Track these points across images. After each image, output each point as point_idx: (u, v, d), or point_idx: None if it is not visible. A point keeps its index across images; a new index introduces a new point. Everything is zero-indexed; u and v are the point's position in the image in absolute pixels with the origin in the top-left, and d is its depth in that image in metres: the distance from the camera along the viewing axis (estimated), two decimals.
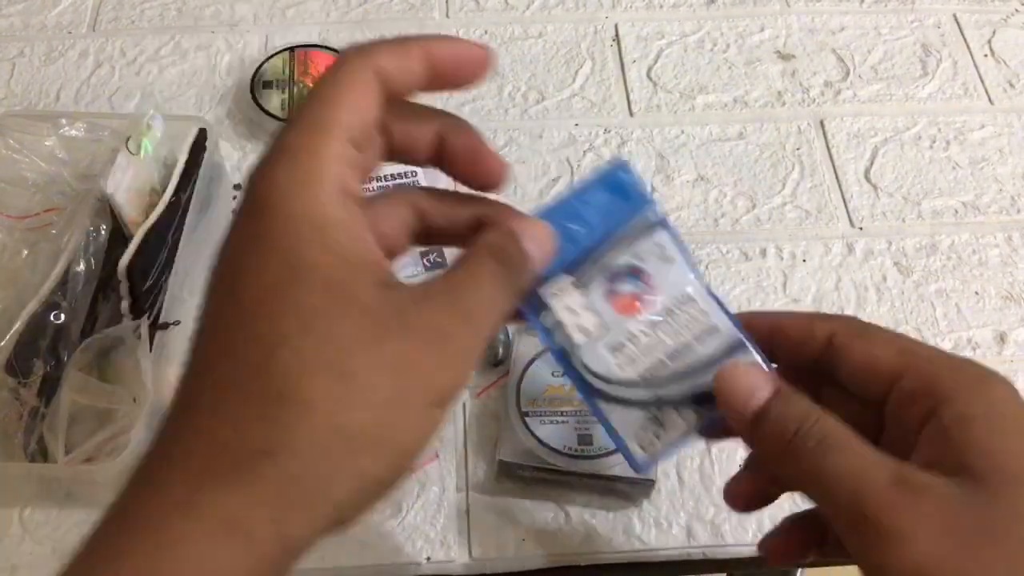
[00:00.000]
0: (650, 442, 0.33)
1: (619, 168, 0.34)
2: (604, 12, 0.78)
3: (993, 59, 0.76)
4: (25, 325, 0.51)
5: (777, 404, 0.31)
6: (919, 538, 0.27)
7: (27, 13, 0.77)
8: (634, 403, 0.33)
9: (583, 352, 0.34)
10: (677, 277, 0.34)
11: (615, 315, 0.34)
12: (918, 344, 0.32)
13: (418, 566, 0.52)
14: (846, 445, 0.29)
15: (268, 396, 0.26)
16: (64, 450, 0.48)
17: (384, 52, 0.29)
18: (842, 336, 0.33)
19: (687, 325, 0.34)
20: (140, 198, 0.57)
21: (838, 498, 0.29)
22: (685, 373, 0.33)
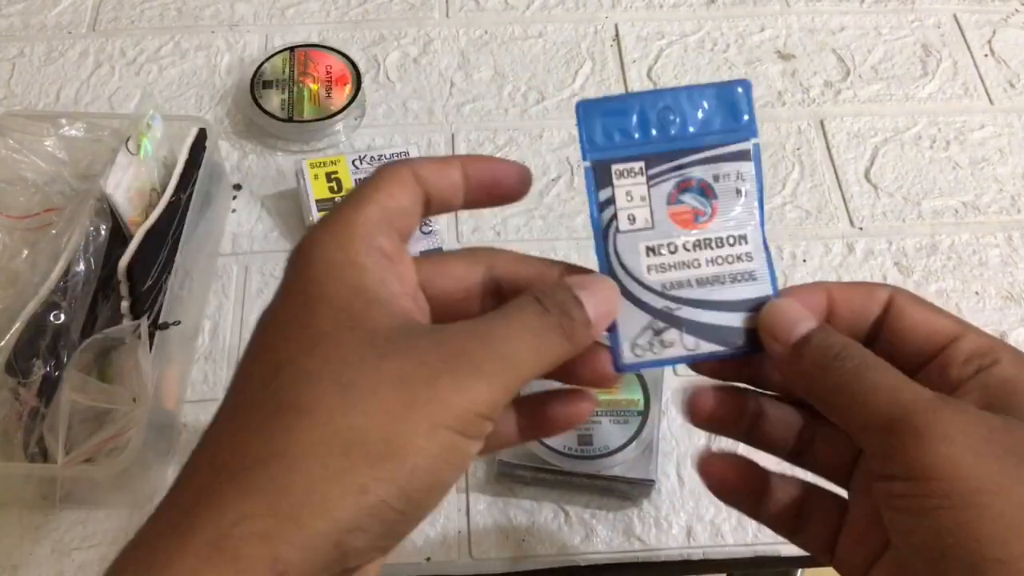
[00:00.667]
0: (642, 349, 0.33)
1: (742, 85, 0.33)
2: (604, 12, 0.78)
3: (993, 59, 0.76)
4: (25, 325, 0.51)
5: (820, 333, 0.32)
6: (958, 441, 0.27)
7: (27, 13, 0.77)
8: (644, 306, 0.33)
9: (621, 240, 0.33)
10: (742, 213, 0.33)
11: (667, 220, 0.33)
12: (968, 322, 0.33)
13: (418, 566, 0.52)
14: (886, 367, 0.30)
15: (268, 409, 0.25)
16: (64, 450, 0.48)
17: (424, 161, 0.31)
18: (901, 298, 0.33)
19: (729, 261, 0.33)
20: (140, 198, 0.57)
21: (876, 406, 0.29)
22: (706, 303, 0.33)
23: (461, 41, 0.76)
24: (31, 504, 0.53)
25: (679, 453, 0.55)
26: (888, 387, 0.29)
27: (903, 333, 0.33)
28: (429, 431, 0.26)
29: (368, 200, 0.30)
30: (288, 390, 0.26)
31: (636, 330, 0.33)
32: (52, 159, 0.59)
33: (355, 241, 0.28)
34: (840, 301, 0.34)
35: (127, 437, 0.49)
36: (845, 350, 0.31)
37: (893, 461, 0.28)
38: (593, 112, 0.33)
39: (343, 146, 0.69)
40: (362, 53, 0.75)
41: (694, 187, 0.33)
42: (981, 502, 0.26)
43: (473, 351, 0.27)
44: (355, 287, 0.28)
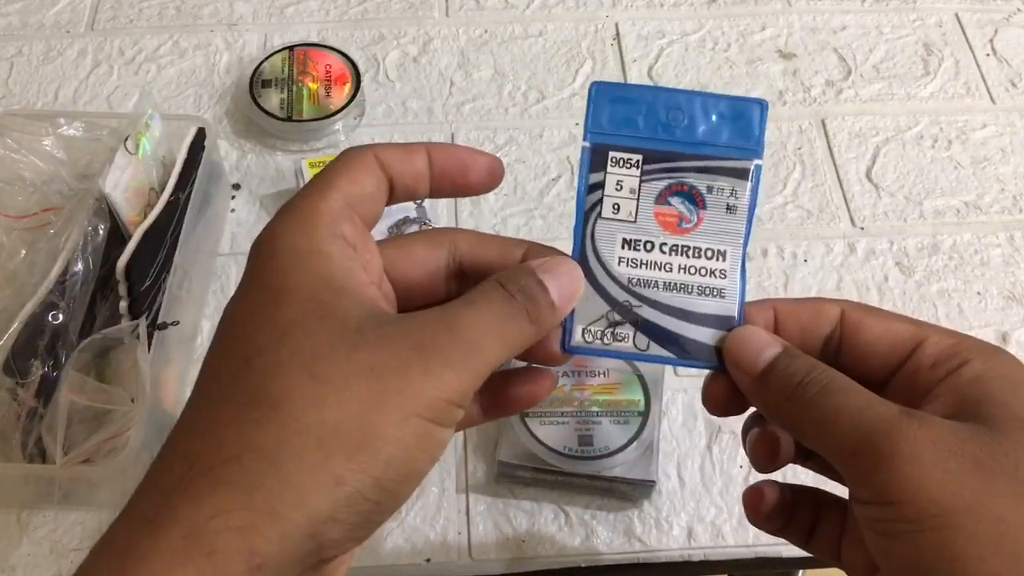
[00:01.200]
0: (593, 336, 0.33)
1: (760, 104, 0.33)
2: (604, 11, 0.78)
3: (995, 58, 0.76)
4: (23, 325, 0.51)
5: (784, 358, 0.31)
6: (925, 459, 0.27)
7: (25, 12, 0.77)
8: (606, 295, 0.33)
9: (600, 225, 0.33)
10: (727, 230, 0.33)
11: (651, 218, 0.33)
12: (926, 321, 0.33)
13: (418, 567, 0.51)
14: (851, 389, 0.30)
15: (240, 402, 0.25)
16: (62, 451, 0.48)
17: (387, 146, 0.31)
18: (853, 312, 0.33)
19: (701, 274, 0.33)
20: (138, 197, 0.57)
21: (843, 434, 0.29)
22: (667, 308, 0.33)
23: (461, 40, 0.76)
24: (29, 504, 0.53)
25: (680, 454, 0.55)
26: (852, 411, 0.29)
27: (864, 347, 0.32)
28: (401, 421, 0.26)
29: (331, 186, 0.29)
30: (260, 382, 0.26)
31: (592, 317, 0.33)
32: (50, 159, 0.59)
33: (319, 229, 0.28)
34: (787, 318, 0.33)
35: (125, 437, 0.48)
36: (809, 375, 0.30)
37: (865, 486, 0.28)
38: (605, 95, 0.33)
39: (342, 145, 0.69)
40: (361, 52, 0.75)
41: (685, 192, 0.33)
42: (955, 522, 0.26)
43: (441, 340, 0.27)
44: (321, 276, 0.27)
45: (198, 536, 0.23)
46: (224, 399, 0.26)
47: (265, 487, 0.24)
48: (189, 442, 0.26)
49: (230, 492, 0.24)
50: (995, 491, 0.27)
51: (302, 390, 0.25)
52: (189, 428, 0.26)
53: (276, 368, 0.26)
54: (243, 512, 0.24)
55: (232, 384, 0.26)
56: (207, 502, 0.24)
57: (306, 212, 0.29)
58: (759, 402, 0.32)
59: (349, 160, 0.30)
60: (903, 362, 0.32)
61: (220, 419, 0.25)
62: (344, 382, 0.25)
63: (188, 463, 0.25)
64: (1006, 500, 0.26)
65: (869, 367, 0.33)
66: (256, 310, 0.27)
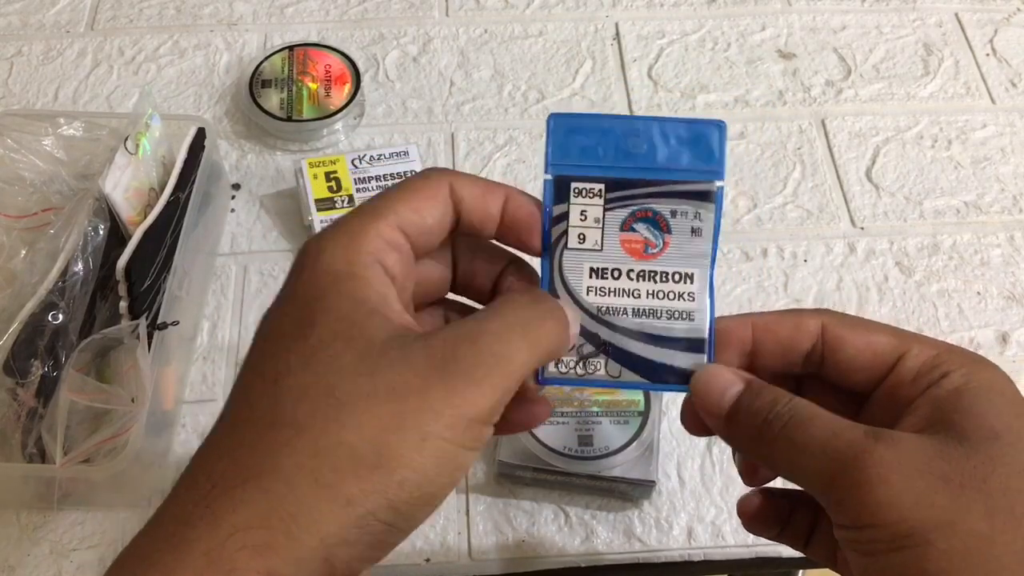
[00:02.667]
0: (566, 366, 0.33)
1: (718, 126, 0.33)
2: (604, 11, 0.78)
3: (995, 58, 0.76)
4: (23, 325, 0.51)
5: (747, 396, 0.31)
6: (893, 481, 0.27)
7: (25, 12, 0.77)
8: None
9: (567, 256, 0.33)
10: (694, 252, 0.33)
11: (617, 246, 0.33)
12: (908, 331, 0.33)
13: (418, 567, 0.51)
14: (815, 417, 0.30)
15: (264, 423, 0.26)
16: (62, 451, 0.48)
17: (467, 179, 0.31)
18: (834, 326, 0.33)
19: (670, 298, 0.33)
20: (138, 197, 0.56)
21: (813, 465, 0.29)
22: (637, 335, 0.33)
23: (461, 40, 0.76)
24: (29, 505, 0.53)
25: (680, 454, 0.55)
26: (819, 441, 0.29)
27: (846, 362, 0.32)
28: (419, 442, 0.25)
29: (390, 209, 0.29)
30: (285, 404, 0.26)
31: None
32: (50, 158, 0.59)
33: (361, 255, 0.28)
34: (765, 334, 0.33)
35: (125, 437, 0.48)
36: (773, 410, 0.30)
37: (840, 513, 0.29)
38: (563, 126, 0.33)
39: (342, 145, 0.69)
40: (361, 52, 0.75)
41: (650, 218, 0.33)
42: (927, 540, 0.27)
43: (464, 355, 0.27)
44: (355, 299, 0.28)
45: (217, 554, 0.24)
46: (250, 421, 0.26)
47: (281, 507, 0.24)
48: (214, 461, 0.26)
49: (249, 512, 0.24)
50: (964, 505, 0.27)
51: (324, 412, 0.25)
52: (215, 447, 0.26)
53: (302, 391, 0.26)
54: (260, 531, 0.24)
55: (259, 404, 0.26)
56: (226, 520, 0.24)
57: (354, 233, 0.29)
58: (731, 442, 0.33)
59: (421, 184, 0.30)
60: (885, 375, 0.32)
61: (244, 441, 0.26)
62: (364, 404, 0.26)
63: (211, 482, 0.25)
64: (976, 513, 0.27)
65: (852, 381, 0.33)
66: (291, 327, 0.28)
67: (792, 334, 0.33)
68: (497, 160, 0.68)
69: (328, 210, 0.63)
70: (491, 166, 0.68)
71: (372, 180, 0.64)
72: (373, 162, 0.65)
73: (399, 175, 0.65)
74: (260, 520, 0.24)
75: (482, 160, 0.68)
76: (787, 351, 0.33)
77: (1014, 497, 0.27)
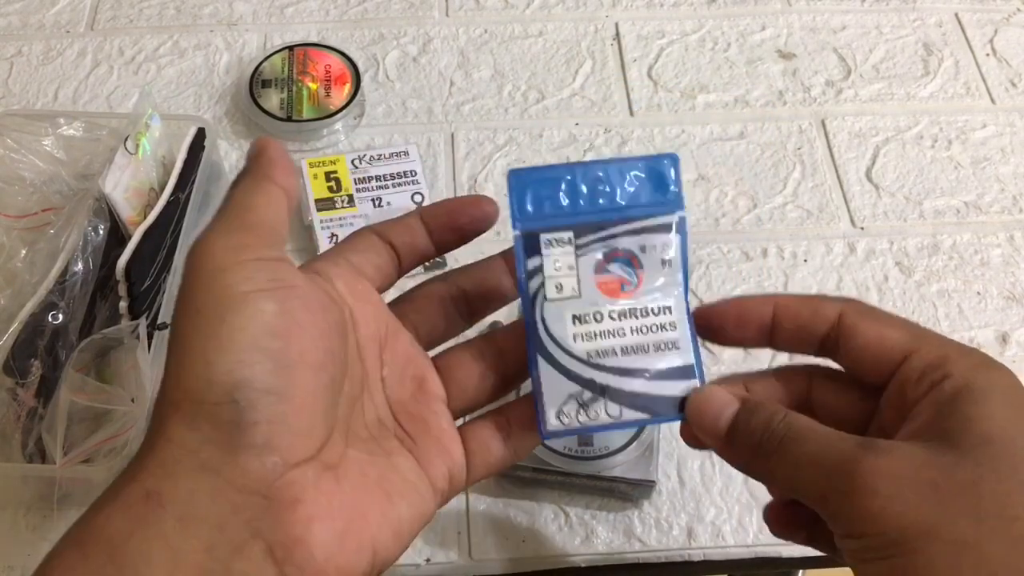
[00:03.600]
0: (568, 417, 0.33)
1: (669, 159, 0.34)
2: (604, 11, 0.78)
3: (995, 58, 0.76)
4: (23, 325, 0.51)
5: (743, 415, 0.32)
6: (882, 491, 0.28)
7: (25, 12, 0.77)
8: (571, 375, 0.33)
9: (548, 308, 0.34)
10: (667, 283, 0.34)
11: (594, 289, 0.34)
12: (928, 329, 0.33)
13: (418, 567, 0.51)
14: (808, 433, 0.30)
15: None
16: (62, 451, 0.48)
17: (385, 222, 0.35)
18: (851, 315, 0.33)
19: (653, 331, 0.34)
20: (138, 197, 0.57)
21: (808, 479, 0.30)
22: (630, 372, 0.33)
23: (461, 40, 0.76)
24: (29, 505, 0.53)
25: (680, 454, 0.55)
26: (813, 457, 0.30)
27: (857, 353, 0.33)
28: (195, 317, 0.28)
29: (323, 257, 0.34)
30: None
31: (562, 398, 0.33)
32: (50, 158, 0.59)
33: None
34: (785, 314, 0.34)
35: (125, 437, 0.48)
36: (768, 428, 0.31)
37: (836, 524, 0.29)
38: (524, 181, 0.34)
39: (342, 145, 0.69)
40: (361, 52, 0.75)
41: (621, 257, 0.34)
42: (916, 548, 0.27)
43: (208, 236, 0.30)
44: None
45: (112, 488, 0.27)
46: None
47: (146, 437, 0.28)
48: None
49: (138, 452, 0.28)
50: (952, 513, 0.27)
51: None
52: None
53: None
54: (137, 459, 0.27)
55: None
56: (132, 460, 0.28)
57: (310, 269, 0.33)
58: (732, 462, 0.33)
59: (348, 237, 0.35)
60: (894, 370, 0.32)
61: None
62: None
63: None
64: (964, 521, 0.27)
65: (864, 371, 0.33)
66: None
67: (811, 317, 0.34)
68: (497, 160, 0.68)
69: (328, 210, 0.63)
70: (491, 166, 0.68)
71: (372, 180, 0.64)
72: (373, 162, 0.65)
73: (399, 175, 0.65)
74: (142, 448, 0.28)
75: (482, 160, 0.68)
76: (804, 333, 0.34)
77: (1003, 502, 0.27)
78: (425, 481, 0.33)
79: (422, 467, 0.33)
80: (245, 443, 0.26)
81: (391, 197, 0.64)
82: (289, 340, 0.28)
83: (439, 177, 0.68)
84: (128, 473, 0.27)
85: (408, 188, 0.64)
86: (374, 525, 0.30)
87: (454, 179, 0.67)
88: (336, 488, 0.29)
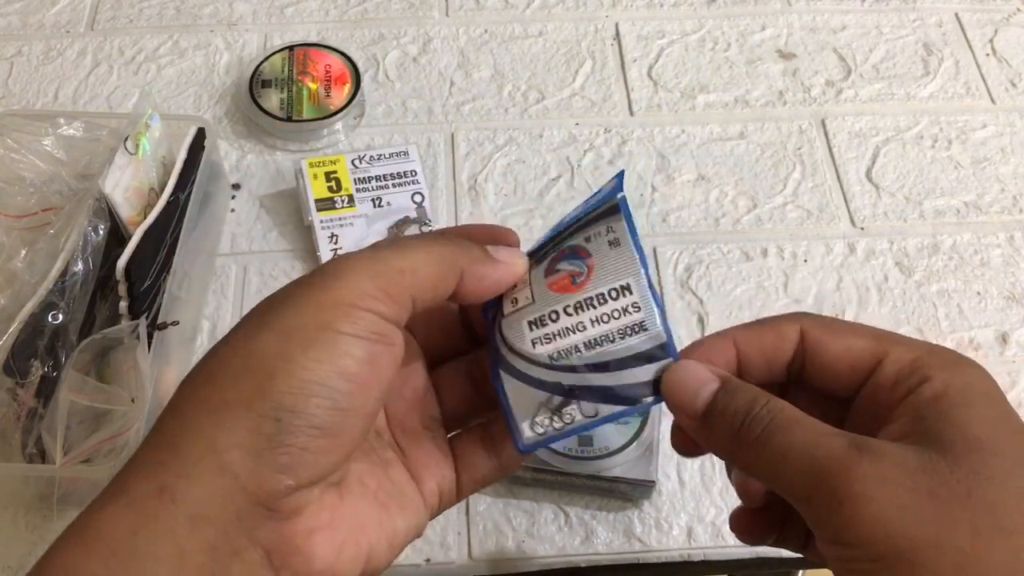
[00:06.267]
0: (542, 426, 0.32)
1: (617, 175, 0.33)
2: (604, 11, 0.78)
3: (995, 58, 0.76)
4: (23, 325, 0.51)
5: (723, 396, 0.30)
6: (877, 498, 0.26)
7: (25, 12, 0.77)
8: (537, 383, 0.32)
9: (505, 324, 0.32)
10: (620, 264, 0.32)
11: (546, 291, 0.32)
12: (889, 332, 0.32)
13: (418, 567, 0.51)
14: (796, 423, 0.29)
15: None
16: (62, 451, 0.48)
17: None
18: (813, 330, 0.32)
19: (615, 316, 0.31)
20: (138, 197, 0.56)
21: (792, 474, 0.28)
22: (598, 366, 0.31)
23: (461, 40, 0.76)
24: (29, 505, 0.53)
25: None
26: (800, 450, 0.28)
27: (824, 368, 0.31)
28: (282, 335, 0.27)
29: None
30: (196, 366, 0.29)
31: (532, 409, 0.32)
32: (50, 159, 0.59)
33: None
34: (749, 349, 0.32)
35: (125, 437, 0.48)
36: (751, 413, 0.29)
37: (822, 528, 0.28)
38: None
39: (342, 145, 0.69)
40: (361, 52, 0.75)
41: (568, 254, 0.32)
42: (913, 559, 0.26)
43: (342, 258, 0.29)
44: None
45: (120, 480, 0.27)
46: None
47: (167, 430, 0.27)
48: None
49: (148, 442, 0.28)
50: (950, 522, 0.26)
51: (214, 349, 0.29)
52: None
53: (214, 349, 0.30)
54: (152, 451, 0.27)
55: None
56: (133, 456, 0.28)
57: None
58: (706, 444, 0.31)
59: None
60: (865, 380, 0.31)
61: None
62: (237, 328, 0.29)
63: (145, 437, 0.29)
64: (962, 530, 0.26)
65: (832, 387, 0.32)
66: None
67: (776, 344, 0.32)
68: (497, 160, 0.68)
69: (328, 210, 0.63)
70: (491, 166, 0.68)
71: (372, 180, 0.64)
72: (373, 162, 0.65)
73: (399, 175, 0.65)
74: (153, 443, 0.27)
75: (482, 160, 0.68)
76: (772, 362, 0.32)
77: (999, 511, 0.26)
78: (419, 494, 0.32)
79: (414, 478, 0.33)
80: (270, 459, 0.26)
81: (391, 197, 0.64)
82: (359, 388, 0.28)
83: (439, 177, 0.68)
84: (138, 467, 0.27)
85: (408, 188, 0.64)
86: (372, 536, 0.30)
87: (454, 179, 0.67)
88: (339, 502, 0.29)
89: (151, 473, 0.26)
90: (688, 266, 0.63)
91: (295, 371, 0.27)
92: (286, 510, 0.27)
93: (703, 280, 0.63)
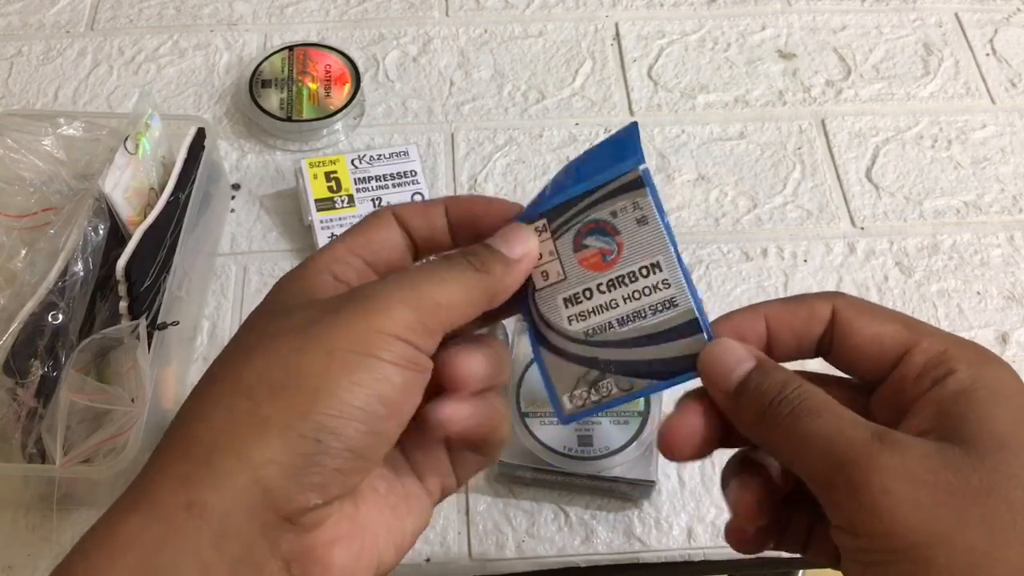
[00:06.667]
0: (580, 399, 0.33)
1: (628, 127, 0.34)
2: (604, 11, 0.78)
3: (995, 58, 0.76)
4: (23, 325, 0.51)
5: (756, 375, 0.31)
6: (897, 492, 0.26)
7: (25, 12, 0.77)
8: (574, 358, 0.33)
9: (539, 297, 0.33)
10: (649, 241, 0.33)
11: (577, 267, 0.33)
12: (920, 321, 0.32)
13: (418, 567, 0.51)
14: (823, 408, 0.29)
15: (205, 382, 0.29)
16: (62, 451, 0.48)
17: (406, 205, 0.34)
18: (845, 311, 0.32)
19: (646, 293, 0.33)
20: (138, 197, 0.56)
21: (814, 458, 0.28)
22: (631, 341, 0.33)
23: (461, 40, 0.76)
24: (29, 505, 0.53)
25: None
26: (823, 436, 0.28)
27: (853, 351, 0.32)
28: (325, 356, 0.27)
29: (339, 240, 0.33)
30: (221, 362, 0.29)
31: (570, 383, 0.33)
32: (50, 158, 0.59)
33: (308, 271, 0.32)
34: (779, 325, 0.33)
35: (125, 437, 0.48)
36: (781, 394, 0.30)
37: (838, 515, 0.28)
38: None
39: (342, 145, 0.69)
40: (361, 52, 0.75)
41: (596, 228, 0.33)
42: (927, 555, 0.26)
43: (383, 287, 0.29)
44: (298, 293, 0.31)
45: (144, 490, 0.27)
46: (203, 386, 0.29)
47: (200, 440, 0.27)
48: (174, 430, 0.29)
49: (172, 450, 0.27)
50: (967, 520, 0.26)
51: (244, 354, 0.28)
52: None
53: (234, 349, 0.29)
54: (181, 463, 0.26)
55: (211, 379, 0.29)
56: (154, 463, 0.27)
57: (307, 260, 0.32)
58: (734, 419, 0.32)
59: (368, 217, 0.34)
60: (892, 368, 0.31)
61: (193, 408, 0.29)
62: (276, 339, 0.28)
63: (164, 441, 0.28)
64: (978, 529, 0.26)
65: (858, 370, 0.32)
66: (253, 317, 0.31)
67: (806, 321, 0.32)
68: (497, 160, 0.68)
69: (328, 210, 0.63)
70: (491, 166, 0.68)
71: (372, 180, 0.64)
72: (373, 162, 0.65)
73: (399, 175, 0.65)
74: (181, 454, 0.27)
75: (482, 160, 0.68)
76: (801, 340, 0.32)
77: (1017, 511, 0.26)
78: (424, 491, 0.33)
79: (418, 479, 0.33)
80: (303, 477, 0.27)
81: (391, 197, 0.64)
82: (393, 413, 0.28)
83: (439, 177, 0.68)
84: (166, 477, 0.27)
85: (408, 188, 0.64)
86: (383, 541, 0.30)
87: (454, 179, 0.67)
88: (355, 511, 0.30)
89: (179, 485, 0.26)
90: (688, 266, 0.63)
91: (338, 393, 0.27)
92: (308, 523, 0.27)
93: (703, 280, 0.63)
